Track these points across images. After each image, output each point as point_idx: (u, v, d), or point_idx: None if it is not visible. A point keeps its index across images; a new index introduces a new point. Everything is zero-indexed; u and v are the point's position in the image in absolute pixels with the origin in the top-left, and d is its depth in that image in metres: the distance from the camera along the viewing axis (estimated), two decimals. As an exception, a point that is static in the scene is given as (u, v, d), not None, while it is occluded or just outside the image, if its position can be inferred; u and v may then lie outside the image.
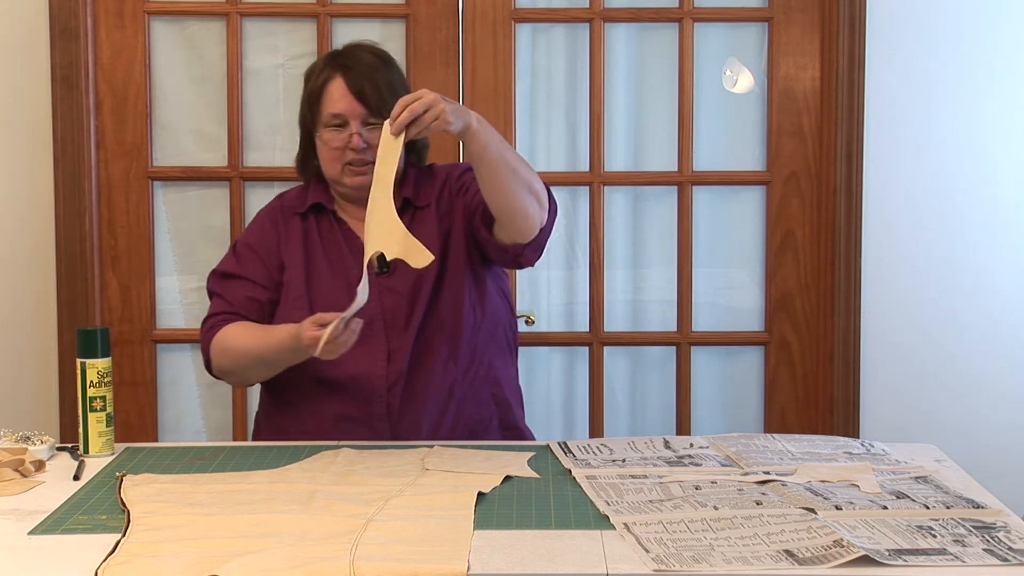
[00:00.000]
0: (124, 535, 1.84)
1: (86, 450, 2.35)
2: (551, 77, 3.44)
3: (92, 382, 2.35)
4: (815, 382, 3.41)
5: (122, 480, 2.13)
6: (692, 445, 2.35)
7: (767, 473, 2.14)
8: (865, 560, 1.72)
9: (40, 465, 2.25)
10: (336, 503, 1.98)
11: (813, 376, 3.42)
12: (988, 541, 1.82)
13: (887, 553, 1.75)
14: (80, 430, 2.35)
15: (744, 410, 3.47)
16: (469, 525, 1.88)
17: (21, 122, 3.30)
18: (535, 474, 2.18)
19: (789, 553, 1.76)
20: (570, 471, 2.19)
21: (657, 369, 3.48)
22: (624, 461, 2.24)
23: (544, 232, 2.47)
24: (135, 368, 3.40)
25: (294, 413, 2.54)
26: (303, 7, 3.37)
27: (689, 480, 2.11)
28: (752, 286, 3.45)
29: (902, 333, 3.36)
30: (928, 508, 1.96)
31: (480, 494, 2.03)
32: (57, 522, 1.94)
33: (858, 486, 2.07)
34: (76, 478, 2.20)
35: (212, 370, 2.58)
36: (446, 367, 2.52)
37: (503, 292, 2.64)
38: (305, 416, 2.52)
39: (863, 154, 3.30)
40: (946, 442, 2.56)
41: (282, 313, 2.53)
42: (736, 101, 3.43)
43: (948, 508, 1.96)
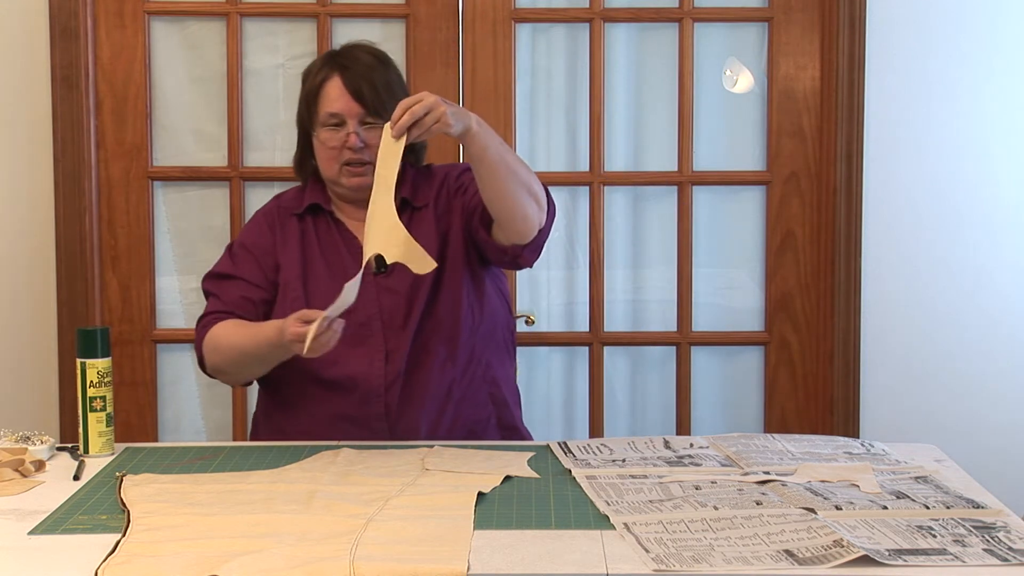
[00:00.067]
0: (124, 535, 1.84)
1: (86, 450, 2.35)
2: (551, 77, 3.44)
3: (92, 382, 2.35)
4: (815, 382, 3.41)
5: (122, 480, 2.13)
6: (692, 445, 2.35)
7: (767, 473, 2.14)
8: (865, 560, 1.72)
9: (40, 465, 2.25)
10: (336, 503, 1.98)
11: (813, 376, 3.42)
12: (988, 541, 1.81)
13: (887, 553, 1.75)
14: (80, 430, 2.35)
15: (744, 410, 3.47)
16: (469, 525, 1.88)
17: (21, 122, 3.30)
18: (535, 474, 2.18)
19: (789, 553, 1.76)
20: (570, 471, 2.19)
21: (657, 369, 3.48)
22: (624, 461, 2.24)
23: (543, 233, 2.47)
24: (135, 368, 3.40)
25: (292, 413, 2.54)
26: (303, 7, 3.37)
27: (689, 480, 2.11)
28: (752, 286, 3.44)
29: (902, 333, 3.36)
30: (928, 508, 1.96)
31: (480, 494, 2.03)
32: (57, 522, 1.94)
33: (858, 486, 2.07)
34: (76, 478, 2.19)
35: (206, 368, 2.57)
36: (444, 367, 2.51)
37: (501, 292, 2.64)
38: (303, 416, 2.52)
39: (863, 154, 3.30)
40: (946, 442, 2.56)
41: (279, 314, 2.50)
42: (736, 101, 3.43)
43: (948, 508, 1.96)
